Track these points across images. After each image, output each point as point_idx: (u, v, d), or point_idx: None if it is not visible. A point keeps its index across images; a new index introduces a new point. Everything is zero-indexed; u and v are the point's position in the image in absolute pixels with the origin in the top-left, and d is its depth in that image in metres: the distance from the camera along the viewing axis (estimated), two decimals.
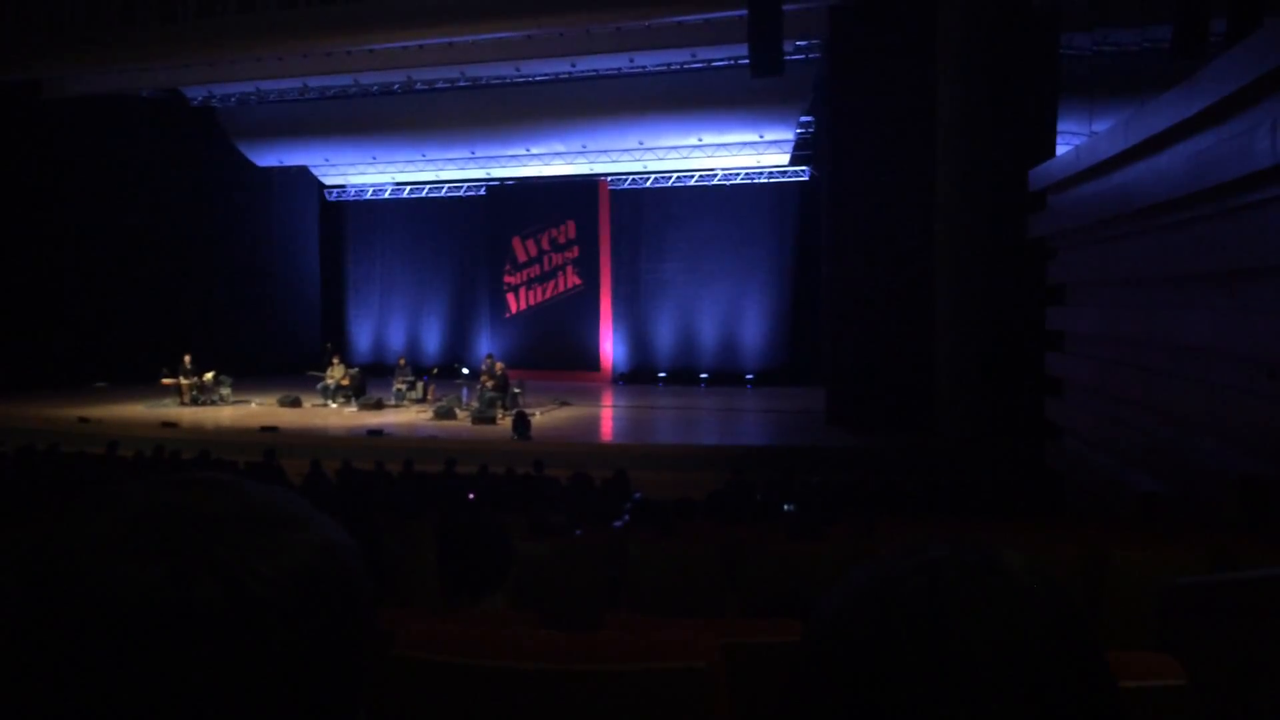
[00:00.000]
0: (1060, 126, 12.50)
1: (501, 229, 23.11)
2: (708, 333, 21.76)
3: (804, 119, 19.80)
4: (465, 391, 17.61)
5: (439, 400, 17.29)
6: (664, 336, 22.11)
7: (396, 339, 24.05)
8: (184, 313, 21.92)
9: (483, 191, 23.66)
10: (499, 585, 2.64)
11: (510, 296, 23.09)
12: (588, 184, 22.61)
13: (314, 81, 20.46)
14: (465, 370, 20.19)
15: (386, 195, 24.64)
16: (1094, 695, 0.61)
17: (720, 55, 18.19)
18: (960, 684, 0.59)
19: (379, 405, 17.37)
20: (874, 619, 0.62)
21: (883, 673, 0.60)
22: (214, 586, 0.57)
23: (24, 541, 0.60)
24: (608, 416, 17.85)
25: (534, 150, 21.91)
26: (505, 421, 15.26)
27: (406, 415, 16.90)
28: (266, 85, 20.86)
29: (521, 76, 19.98)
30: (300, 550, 0.62)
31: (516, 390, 16.93)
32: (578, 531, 5.83)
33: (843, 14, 14.92)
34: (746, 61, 14.74)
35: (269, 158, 23.25)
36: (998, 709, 0.58)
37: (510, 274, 23.05)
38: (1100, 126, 10.44)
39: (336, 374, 18.16)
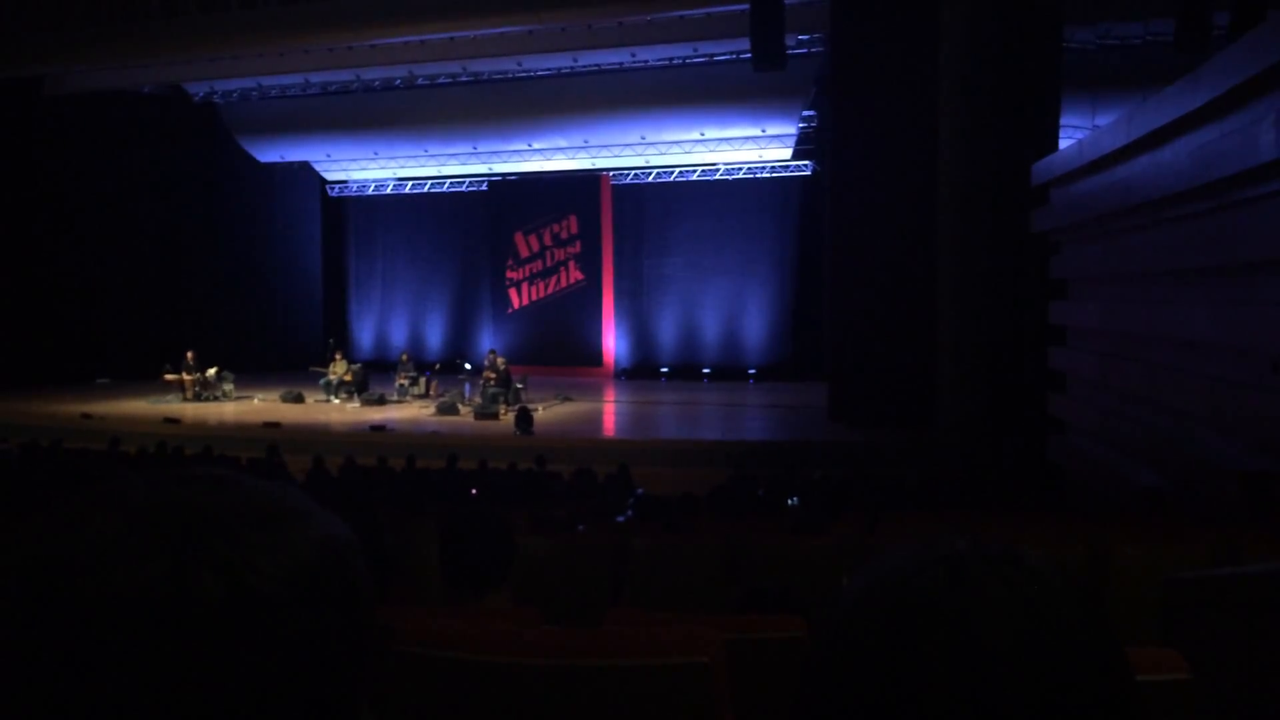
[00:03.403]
0: (1063, 120, 12.48)
1: (503, 224, 23.10)
2: (710, 328, 21.74)
3: (806, 113, 19.78)
4: (468, 387, 17.61)
5: (441, 396, 17.30)
6: (666, 331, 22.10)
7: (399, 335, 24.05)
8: (186, 309, 21.93)
9: (485, 187, 23.64)
10: (502, 581, 2.64)
11: (512, 292, 23.08)
12: (590, 179, 22.60)
13: (316, 77, 20.47)
14: (468, 366, 20.18)
15: (388, 191, 24.64)
16: (1114, 687, 0.61)
17: (722, 49, 18.17)
18: (982, 674, 0.58)
19: (381, 401, 17.38)
20: (894, 610, 0.62)
21: (902, 662, 0.59)
22: (216, 582, 0.57)
23: (26, 538, 0.60)
24: (610, 412, 17.85)
25: (536, 145, 21.90)
26: (508, 417, 15.26)
27: (409, 411, 16.91)
28: (268, 81, 20.88)
29: (523, 71, 19.97)
30: (302, 546, 0.62)
31: (519, 386, 16.93)
32: (580, 527, 5.84)
33: (844, 7, 14.89)
34: (748, 55, 14.72)
35: (271, 153, 23.24)
36: (1020, 699, 0.58)
37: (512, 269, 23.05)
38: (1103, 120, 10.43)
39: (339, 370, 18.17)
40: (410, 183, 24.34)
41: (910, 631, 0.60)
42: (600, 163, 22.36)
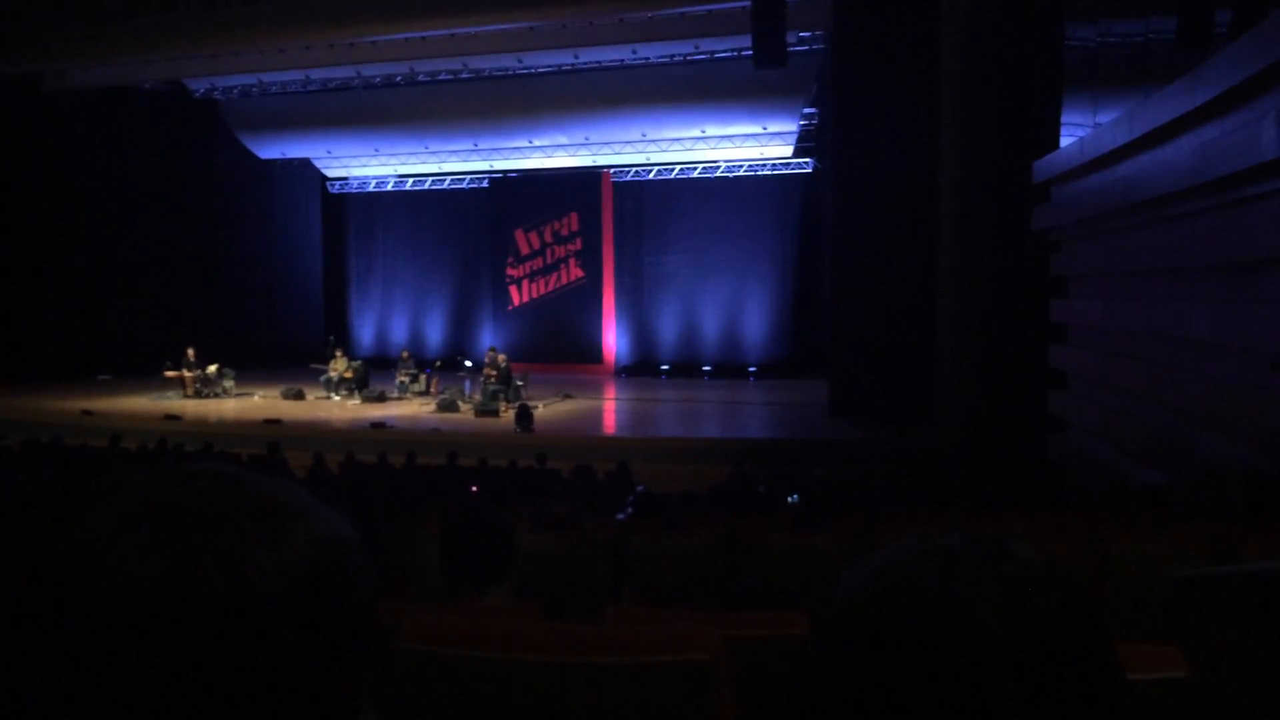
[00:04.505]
0: (1064, 118, 12.47)
1: (504, 221, 23.10)
2: (710, 325, 21.74)
3: (807, 110, 19.76)
4: (468, 384, 17.62)
5: (442, 393, 17.30)
6: (667, 329, 22.09)
7: (399, 332, 24.05)
8: (187, 305, 21.93)
9: (485, 184, 23.63)
10: (502, 578, 2.64)
11: (513, 289, 23.09)
12: (590, 176, 22.59)
13: (316, 73, 20.44)
14: (468, 363, 20.19)
15: (389, 187, 24.63)
16: (1102, 676, 0.61)
17: (723, 47, 18.15)
18: (973, 664, 0.58)
19: (382, 398, 17.38)
20: (887, 602, 0.62)
21: (894, 653, 0.60)
22: (217, 578, 0.57)
23: (28, 534, 0.60)
24: (610, 409, 17.85)
25: (536, 142, 21.89)
26: (508, 414, 15.27)
27: (409, 408, 16.92)
28: (269, 77, 20.85)
29: (524, 68, 19.95)
30: (302, 542, 0.62)
31: (519, 383, 16.93)
32: (581, 524, 5.83)
33: (846, 4, 14.88)
34: (750, 53, 14.71)
35: (271, 150, 23.23)
36: (1011, 689, 0.58)
37: (513, 266, 23.05)
38: (1104, 118, 10.41)
39: (339, 367, 18.18)
40: (411, 179, 24.33)
41: (903, 623, 0.61)
42: (601, 160, 22.34)
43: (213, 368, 18.13)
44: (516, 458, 10.85)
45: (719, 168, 21.76)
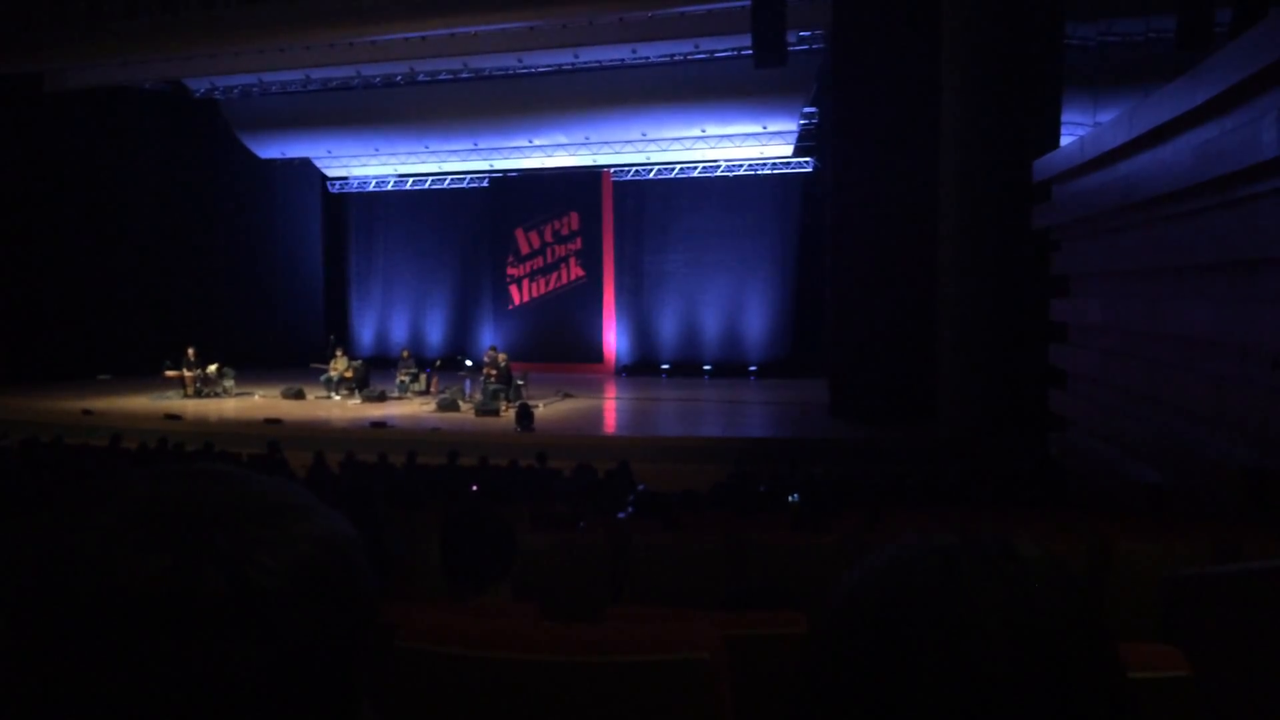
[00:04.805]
0: (1064, 117, 12.47)
1: (504, 221, 23.11)
2: (711, 324, 21.74)
3: (807, 110, 19.76)
4: (468, 383, 17.62)
5: (442, 392, 17.31)
6: (667, 328, 22.10)
7: (399, 331, 24.06)
8: (187, 305, 21.94)
9: (485, 183, 23.63)
10: (502, 577, 2.64)
11: (513, 288, 23.09)
12: (591, 175, 22.60)
13: (316, 73, 20.45)
14: (468, 362, 20.19)
15: (389, 187, 24.64)
16: (1104, 676, 0.61)
17: (723, 46, 18.16)
18: (974, 663, 0.58)
19: (382, 397, 17.39)
20: (887, 600, 0.62)
21: (896, 652, 0.60)
22: (217, 577, 0.57)
23: (28, 533, 0.60)
24: (611, 408, 17.84)
25: (537, 142, 21.89)
26: (508, 413, 15.27)
27: (409, 407, 16.92)
28: (269, 77, 20.86)
29: (524, 68, 19.96)
30: (303, 541, 0.62)
31: (520, 382, 16.93)
32: (581, 524, 5.83)
33: (846, 3, 14.87)
34: (750, 52, 14.71)
35: (272, 149, 23.24)
36: (1011, 688, 0.58)
37: (513, 266, 23.06)
38: (1104, 117, 10.41)
39: (339, 366, 18.18)
40: (411, 179, 24.33)
41: (903, 623, 0.61)
42: (601, 159, 22.34)
43: (213, 367, 18.13)
44: (517, 457, 10.85)
45: (719, 167, 21.76)
